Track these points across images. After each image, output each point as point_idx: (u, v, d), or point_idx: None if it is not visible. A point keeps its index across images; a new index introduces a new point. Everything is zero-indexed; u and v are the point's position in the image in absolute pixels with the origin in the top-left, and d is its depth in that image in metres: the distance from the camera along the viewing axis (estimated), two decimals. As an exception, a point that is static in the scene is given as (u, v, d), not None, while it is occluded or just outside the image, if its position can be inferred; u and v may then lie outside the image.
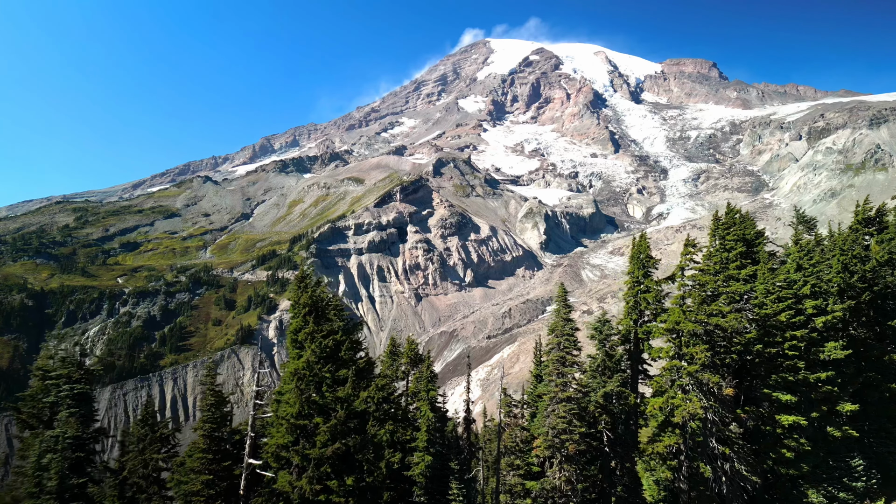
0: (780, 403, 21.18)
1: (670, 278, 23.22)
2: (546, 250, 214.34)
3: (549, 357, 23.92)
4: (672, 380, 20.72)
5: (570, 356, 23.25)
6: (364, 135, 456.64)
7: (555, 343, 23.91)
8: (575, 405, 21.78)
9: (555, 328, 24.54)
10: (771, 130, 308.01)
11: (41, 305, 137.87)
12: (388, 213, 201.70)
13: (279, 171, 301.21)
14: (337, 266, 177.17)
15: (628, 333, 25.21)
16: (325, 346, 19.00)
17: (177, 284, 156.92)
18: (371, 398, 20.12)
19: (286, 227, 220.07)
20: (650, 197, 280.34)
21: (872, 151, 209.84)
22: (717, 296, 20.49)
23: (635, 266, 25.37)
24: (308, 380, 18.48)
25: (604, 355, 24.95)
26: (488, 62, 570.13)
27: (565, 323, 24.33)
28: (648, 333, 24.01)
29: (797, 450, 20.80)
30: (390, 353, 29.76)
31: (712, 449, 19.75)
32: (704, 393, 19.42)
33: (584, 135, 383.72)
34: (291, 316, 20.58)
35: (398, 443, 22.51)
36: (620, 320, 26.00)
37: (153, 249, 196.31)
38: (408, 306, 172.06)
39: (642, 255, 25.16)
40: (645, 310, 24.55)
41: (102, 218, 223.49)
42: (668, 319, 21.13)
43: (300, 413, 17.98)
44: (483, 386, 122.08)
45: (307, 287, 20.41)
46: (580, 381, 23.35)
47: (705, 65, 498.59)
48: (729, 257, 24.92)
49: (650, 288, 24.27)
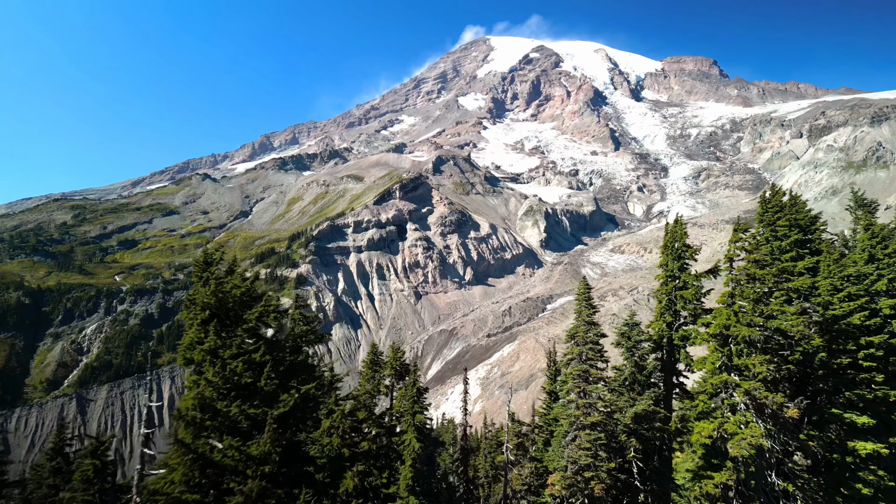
0: (854, 427, 17.38)
1: (712, 272, 19.79)
2: (546, 248, 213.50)
3: (569, 371, 19.62)
4: (721, 398, 16.89)
5: (596, 370, 19.03)
6: (364, 132, 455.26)
7: (575, 353, 19.57)
8: (602, 433, 17.72)
9: (575, 334, 20.31)
10: (772, 128, 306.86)
11: (38, 303, 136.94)
12: (388, 211, 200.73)
13: (278, 169, 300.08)
14: (336, 264, 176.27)
15: (660, 339, 21.12)
16: (234, 371, 12.66)
17: (175, 282, 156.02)
18: (335, 428, 15.46)
19: (285, 224, 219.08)
20: (651, 195, 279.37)
21: (874, 149, 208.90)
22: (771, 293, 17.23)
23: (669, 257, 21.23)
24: (200, 426, 11.85)
25: (633, 367, 20.72)
26: (488, 60, 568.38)
27: (588, 328, 19.96)
28: (686, 339, 20.12)
29: (876, 485, 16.84)
30: (370, 362, 25.09)
31: (772, 485, 15.94)
32: (764, 416, 15.58)
33: (584, 132, 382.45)
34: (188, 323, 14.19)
35: (369, 489, 16.81)
36: (651, 323, 21.93)
37: (151, 247, 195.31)
38: (407, 304, 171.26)
39: (678, 243, 20.93)
40: (681, 310, 20.54)
41: (100, 215, 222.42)
42: (714, 322, 17.57)
43: (189, 483, 11.20)
44: (483, 385, 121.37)
45: (210, 278, 14.14)
46: (607, 401, 18.82)
47: (706, 62, 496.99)
48: (782, 246, 20.87)
49: (688, 283, 20.23)
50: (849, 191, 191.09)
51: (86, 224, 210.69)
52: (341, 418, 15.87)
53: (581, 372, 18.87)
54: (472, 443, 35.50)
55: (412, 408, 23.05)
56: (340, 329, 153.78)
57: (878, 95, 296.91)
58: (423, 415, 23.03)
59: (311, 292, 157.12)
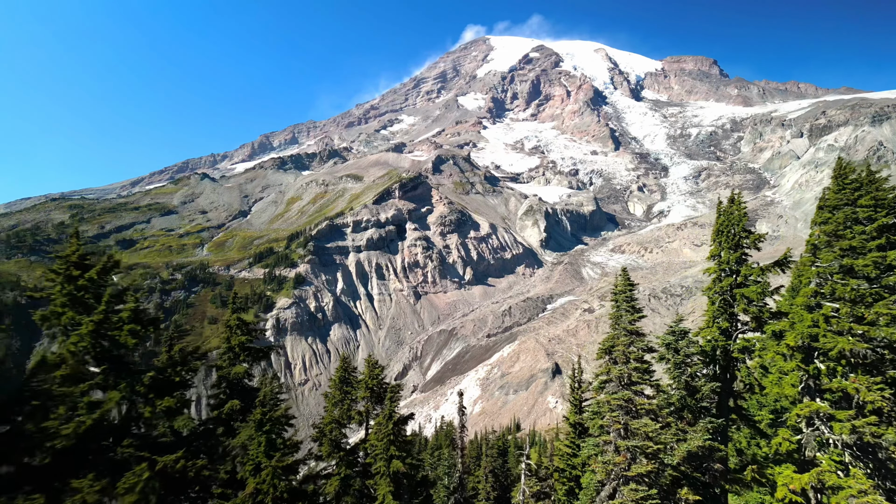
0: None
1: (780, 264, 15.90)
2: (546, 248, 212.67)
3: (604, 398, 15.03)
4: (809, 434, 13.07)
5: (643, 399, 14.26)
6: (363, 132, 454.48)
7: (614, 375, 14.69)
8: (652, 486, 13.12)
9: (612, 347, 15.47)
10: (772, 128, 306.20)
11: (35, 303, 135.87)
12: (387, 211, 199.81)
13: (277, 169, 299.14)
14: (335, 264, 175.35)
15: (713, 351, 16.85)
16: None
17: (172, 282, 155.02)
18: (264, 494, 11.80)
19: (284, 224, 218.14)
20: (651, 194, 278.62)
21: (875, 148, 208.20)
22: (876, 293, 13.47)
23: (725, 245, 17.02)
24: None
25: (682, 388, 16.27)
26: (488, 59, 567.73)
27: (631, 340, 14.84)
28: (747, 351, 16.11)
29: None
30: (339, 381, 19.52)
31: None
32: (875, 462, 11.93)
33: (584, 132, 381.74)
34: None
35: None
36: (701, 330, 17.67)
37: (149, 247, 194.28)
38: (406, 304, 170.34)
39: (735, 227, 16.72)
40: (741, 313, 16.51)
41: (98, 215, 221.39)
42: (793, 330, 13.58)
43: None
44: (483, 385, 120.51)
45: None
46: (659, 441, 13.71)
47: (706, 62, 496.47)
48: (867, 232, 15.74)
49: (750, 279, 16.24)
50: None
51: (84, 224, 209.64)
52: (272, 478, 11.45)
53: (623, 402, 13.94)
54: (472, 454, 33.93)
55: (387, 451, 17.48)
56: (339, 329, 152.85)
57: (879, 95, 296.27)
58: (404, 461, 17.45)
59: (309, 292, 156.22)
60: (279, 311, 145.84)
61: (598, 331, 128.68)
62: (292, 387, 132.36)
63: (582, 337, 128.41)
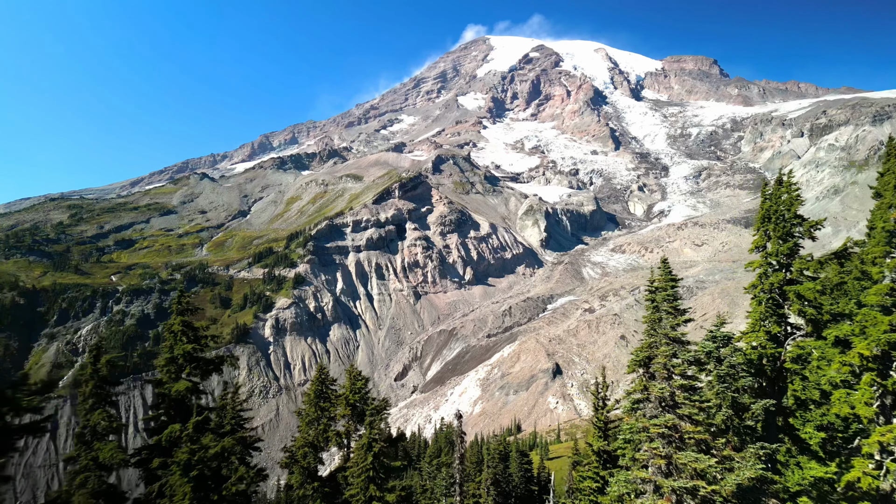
0: None
1: (840, 255, 13.46)
2: (546, 248, 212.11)
3: (640, 422, 11.93)
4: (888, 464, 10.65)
5: (691, 425, 11.16)
6: (363, 132, 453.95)
7: (653, 394, 11.74)
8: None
9: (651, 359, 12.30)
10: (772, 127, 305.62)
11: (33, 303, 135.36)
12: (387, 211, 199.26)
13: (277, 168, 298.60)
14: (335, 264, 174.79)
15: (759, 360, 14.22)
16: None
17: (172, 282, 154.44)
18: None
19: (284, 224, 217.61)
20: (651, 194, 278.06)
21: (876, 148, 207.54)
22: None
23: (774, 234, 14.26)
24: None
25: (729, 406, 13.35)
26: (488, 59, 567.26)
27: (674, 349, 11.92)
28: (802, 360, 13.41)
29: None
30: (315, 395, 16.32)
31: None
32: None
33: (584, 132, 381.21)
34: None
35: None
36: (744, 334, 14.87)
37: (148, 247, 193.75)
38: (406, 304, 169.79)
39: (787, 212, 14.03)
40: (793, 316, 13.94)
41: (97, 215, 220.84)
42: (866, 337, 11.14)
43: None
44: (483, 386, 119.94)
45: None
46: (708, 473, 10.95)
47: (706, 62, 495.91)
48: None
49: (806, 273, 13.56)
50: (851, 190, 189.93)
51: (82, 224, 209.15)
52: None
53: (666, 429, 11.14)
54: (472, 459, 32.96)
55: (366, 489, 13.88)
56: (339, 329, 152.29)
57: (880, 94, 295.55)
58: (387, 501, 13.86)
59: (309, 292, 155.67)
60: (278, 312, 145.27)
61: (599, 331, 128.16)
62: (292, 387, 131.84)
63: (583, 337, 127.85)
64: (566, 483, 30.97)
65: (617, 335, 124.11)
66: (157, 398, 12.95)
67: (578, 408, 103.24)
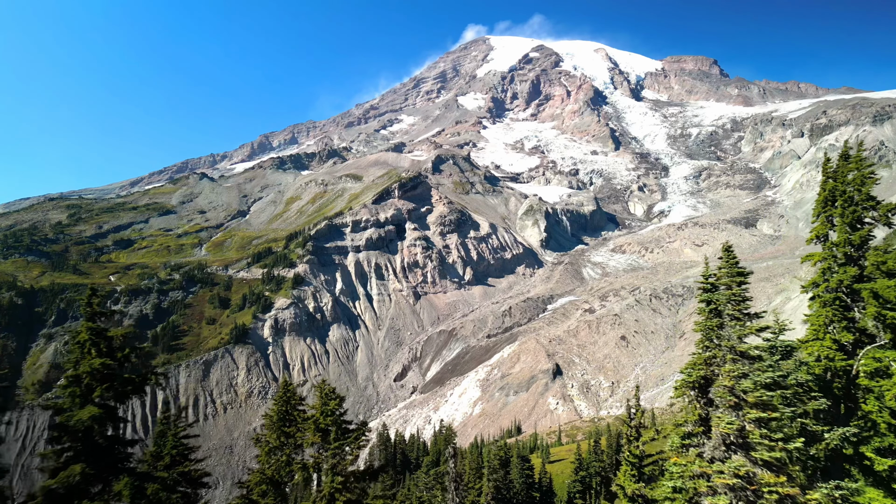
0: None
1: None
2: (546, 248, 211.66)
3: (703, 471, 8.88)
4: None
5: (770, 475, 8.20)
6: (363, 132, 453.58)
7: (722, 430, 8.70)
8: None
9: (710, 377, 9.44)
10: (773, 127, 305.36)
11: (31, 304, 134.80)
12: (387, 211, 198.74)
13: (276, 168, 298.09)
14: (334, 264, 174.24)
15: (824, 374, 11.67)
16: None
17: (170, 282, 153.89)
18: None
19: (283, 224, 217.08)
20: (651, 194, 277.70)
21: (876, 148, 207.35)
22: None
23: (840, 221, 11.54)
24: None
25: (798, 435, 10.09)
26: (488, 59, 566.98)
27: (745, 369, 8.99)
28: (882, 375, 10.77)
29: None
30: (279, 416, 13.67)
31: None
32: None
33: (584, 132, 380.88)
34: None
35: None
36: (805, 343, 12.12)
37: (147, 247, 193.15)
38: (406, 305, 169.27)
39: (856, 196, 11.27)
40: (867, 320, 11.27)
41: (96, 215, 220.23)
42: None
43: None
44: (483, 387, 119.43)
45: None
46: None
47: (706, 62, 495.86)
48: None
49: (884, 267, 10.93)
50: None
51: (81, 223, 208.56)
52: None
53: (738, 479, 8.14)
54: (472, 464, 32.32)
55: None
56: (338, 330, 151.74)
57: (880, 95, 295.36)
58: None
59: (308, 292, 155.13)
60: (277, 312, 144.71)
61: (599, 331, 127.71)
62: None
63: (583, 337, 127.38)
64: (566, 489, 30.13)
65: (617, 335, 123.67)
66: (57, 430, 10.24)
67: (579, 409, 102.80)
